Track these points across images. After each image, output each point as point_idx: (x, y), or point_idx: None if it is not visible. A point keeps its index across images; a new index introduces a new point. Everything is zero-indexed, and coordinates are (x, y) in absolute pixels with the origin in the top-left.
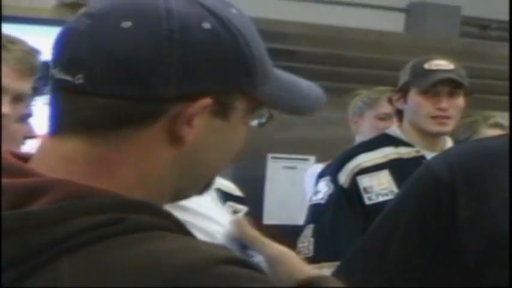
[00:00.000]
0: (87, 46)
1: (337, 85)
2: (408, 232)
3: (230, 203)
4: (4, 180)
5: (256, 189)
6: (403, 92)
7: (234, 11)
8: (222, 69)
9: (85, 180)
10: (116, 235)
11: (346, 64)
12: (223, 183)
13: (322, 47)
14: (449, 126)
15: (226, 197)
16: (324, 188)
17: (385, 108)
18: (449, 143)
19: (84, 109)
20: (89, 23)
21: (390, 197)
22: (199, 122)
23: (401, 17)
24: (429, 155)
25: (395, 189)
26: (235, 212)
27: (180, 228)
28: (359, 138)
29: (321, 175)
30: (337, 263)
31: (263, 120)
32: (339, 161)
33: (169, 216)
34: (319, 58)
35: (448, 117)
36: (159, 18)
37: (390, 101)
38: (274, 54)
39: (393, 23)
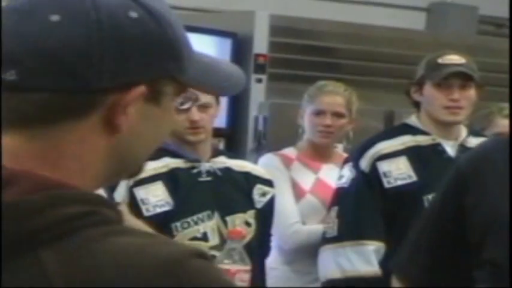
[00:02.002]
0: (18, 42)
1: (363, 79)
2: (437, 216)
3: (259, 186)
4: None
5: None
6: (419, 84)
7: None
8: (152, 57)
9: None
10: (92, 226)
11: (372, 59)
12: (253, 167)
13: (350, 44)
14: (461, 116)
15: (255, 180)
16: (347, 173)
17: (320, 105)
18: (463, 132)
19: (18, 105)
20: (16, 18)
21: (408, 181)
22: (133, 109)
23: (422, 16)
24: (444, 143)
25: (412, 174)
26: (263, 194)
27: (121, 219)
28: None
29: (345, 161)
30: (359, 242)
31: (188, 104)
32: (360, 148)
33: (116, 208)
34: (347, 54)
35: (459, 108)
36: (86, 10)
37: (408, 93)
38: (308, 50)
39: (415, 21)
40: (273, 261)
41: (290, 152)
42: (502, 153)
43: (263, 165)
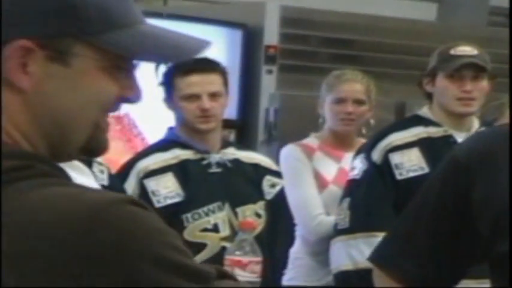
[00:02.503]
0: None
1: (374, 70)
2: (435, 208)
3: (268, 177)
4: None
5: None
6: (432, 76)
7: None
8: (38, 14)
9: None
10: (26, 178)
11: (383, 50)
12: (262, 158)
13: (361, 35)
14: (474, 107)
15: (264, 171)
16: (359, 165)
17: (340, 93)
18: (475, 123)
19: None
20: None
21: (420, 172)
22: (35, 68)
23: (433, 7)
24: (456, 134)
25: (424, 165)
26: (272, 185)
27: (68, 178)
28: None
29: (357, 153)
30: (370, 233)
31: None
32: (372, 140)
33: (61, 170)
34: (358, 45)
35: (472, 99)
36: None
37: (420, 84)
38: (319, 41)
39: (426, 13)
40: (297, 251)
41: (311, 141)
42: (503, 143)
43: (284, 157)
